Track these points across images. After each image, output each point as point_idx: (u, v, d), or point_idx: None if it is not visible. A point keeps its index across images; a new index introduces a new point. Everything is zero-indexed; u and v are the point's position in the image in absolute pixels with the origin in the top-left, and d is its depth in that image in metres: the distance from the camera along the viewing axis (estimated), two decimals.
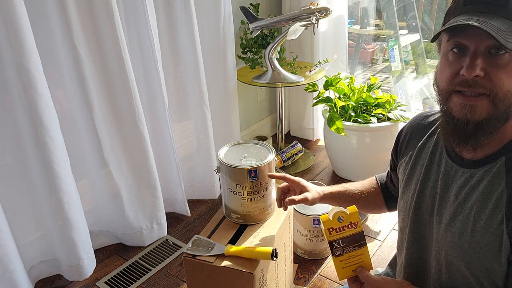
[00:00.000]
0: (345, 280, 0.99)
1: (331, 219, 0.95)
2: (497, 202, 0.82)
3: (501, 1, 0.76)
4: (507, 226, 0.80)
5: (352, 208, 0.96)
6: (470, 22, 0.74)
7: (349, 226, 0.95)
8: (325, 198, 1.19)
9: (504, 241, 0.81)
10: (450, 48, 0.81)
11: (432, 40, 0.84)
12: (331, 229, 0.94)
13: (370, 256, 1.00)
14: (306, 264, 1.81)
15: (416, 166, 1.01)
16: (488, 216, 0.83)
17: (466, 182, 0.88)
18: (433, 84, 0.89)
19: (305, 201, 1.13)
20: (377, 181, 1.25)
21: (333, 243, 0.94)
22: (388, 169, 1.22)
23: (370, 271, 0.97)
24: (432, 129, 1.00)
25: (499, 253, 0.82)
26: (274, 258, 1.11)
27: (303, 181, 1.19)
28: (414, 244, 1.01)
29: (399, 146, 1.10)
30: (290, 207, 1.38)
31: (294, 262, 1.75)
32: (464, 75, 0.77)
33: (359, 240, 0.95)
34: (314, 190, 1.17)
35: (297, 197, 1.13)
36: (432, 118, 1.03)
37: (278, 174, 1.21)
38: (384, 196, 1.22)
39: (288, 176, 1.20)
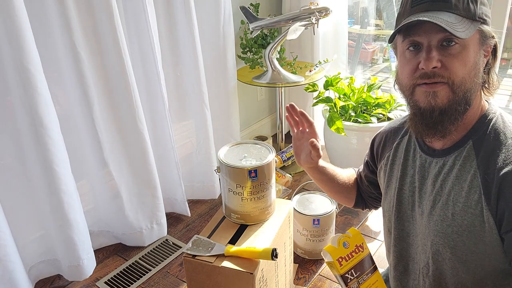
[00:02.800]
0: None
1: (337, 247, 0.88)
2: (471, 183, 0.87)
3: None
4: (487, 204, 0.84)
5: (353, 230, 0.93)
6: (421, 18, 0.81)
7: (356, 251, 0.90)
8: (318, 167, 1.22)
9: (487, 219, 0.85)
10: (406, 47, 0.88)
11: (389, 41, 0.91)
12: (340, 259, 0.87)
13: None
14: (306, 264, 1.81)
15: (394, 166, 1.07)
16: (464, 198, 0.88)
17: (440, 170, 0.94)
18: (394, 85, 0.96)
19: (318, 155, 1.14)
20: (356, 177, 1.32)
21: (347, 275, 0.86)
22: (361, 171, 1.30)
23: None
24: (404, 130, 1.07)
25: (481, 233, 0.86)
26: (274, 258, 1.11)
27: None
28: (401, 241, 1.04)
29: (375, 151, 1.17)
30: (290, 206, 1.38)
31: (294, 262, 1.75)
32: (423, 68, 0.84)
33: (370, 264, 0.90)
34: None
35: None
36: (403, 121, 1.10)
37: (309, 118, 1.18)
38: (357, 193, 1.31)
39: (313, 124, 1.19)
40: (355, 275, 0.88)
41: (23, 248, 1.61)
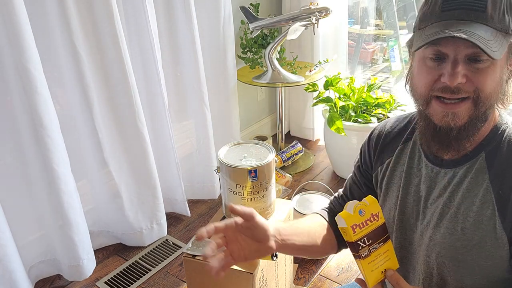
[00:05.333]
0: (344, 280, 0.95)
1: (352, 213, 0.84)
2: (484, 198, 0.83)
3: (479, 7, 0.75)
4: (502, 222, 0.81)
5: (370, 198, 0.87)
6: (458, 34, 0.72)
7: (372, 219, 0.86)
8: (281, 244, 0.94)
9: (500, 236, 0.82)
10: (428, 55, 0.80)
11: (411, 47, 0.83)
12: (354, 226, 0.84)
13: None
14: (306, 264, 1.80)
15: (395, 173, 1.00)
16: (476, 213, 0.84)
17: (449, 181, 0.89)
18: (405, 86, 0.88)
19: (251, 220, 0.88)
20: (325, 218, 1.08)
21: (359, 242, 0.84)
22: (342, 190, 1.13)
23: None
24: (406, 134, 0.99)
25: (492, 249, 0.83)
26: (274, 258, 1.10)
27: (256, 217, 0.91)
28: (402, 250, 1.00)
29: (373, 153, 1.06)
30: (290, 206, 1.38)
31: (294, 262, 1.75)
32: (446, 83, 0.77)
33: (383, 233, 0.87)
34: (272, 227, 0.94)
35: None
36: (404, 123, 1.01)
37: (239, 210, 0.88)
38: (336, 234, 1.04)
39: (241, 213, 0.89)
40: (367, 243, 0.85)
41: (23, 248, 1.60)
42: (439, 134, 0.83)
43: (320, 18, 2.12)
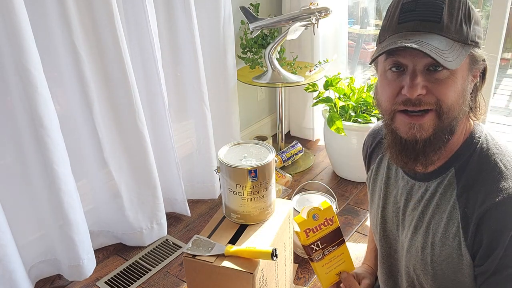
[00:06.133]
0: None
1: (306, 218, 0.89)
2: (450, 215, 0.83)
3: (434, 18, 0.75)
4: (465, 239, 0.80)
5: (325, 203, 0.92)
6: (409, 45, 0.72)
7: (325, 224, 0.90)
8: (375, 267, 1.12)
9: (464, 253, 0.81)
10: (388, 67, 0.80)
11: (370, 63, 0.83)
12: (307, 230, 0.88)
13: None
14: (306, 264, 1.81)
15: (376, 181, 1.01)
16: (443, 228, 0.84)
17: (422, 195, 0.88)
18: (372, 101, 0.89)
19: None
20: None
21: (312, 246, 0.88)
22: None
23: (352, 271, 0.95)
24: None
25: (459, 265, 0.82)
26: (274, 258, 1.11)
27: (354, 272, 1.05)
28: (388, 258, 1.01)
29: (365, 158, 1.09)
30: (290, 206, 1.38)
31: (294, 262, 1.75)
32: (406, 95, 0.76)
33: (338, 237, 0.90)
34: (365, 272, 1.10)
35: None
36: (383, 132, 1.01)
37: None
38: None
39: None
40: (320, 247, 0.89)
41: (23, 248, 1.60)
42: (406, 148, 0.82)
43: (320, 18, 2.12)
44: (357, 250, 1.86)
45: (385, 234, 0.99)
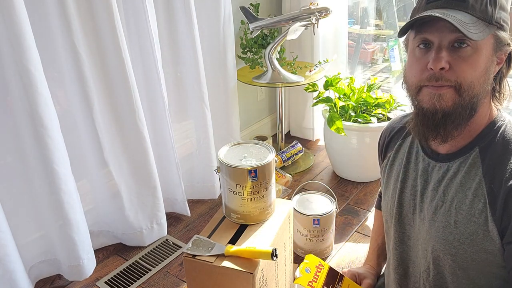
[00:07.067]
0: None
1: (302, 276, 0.99)
2: (476, 192, 0.86)
3: None
4: (492, 215, 0.83)
5: (308, 256, 1.03)
6: (434, 14, 0.79)
7: (319, 270, 1.01)
8: (377, 267, 1.23)
9: (491, 229, 0.84)
10: (416, 44, 0.86)
11: (399, 35, 0.89)
12: (310, 283, 0.98)
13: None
14: None
15: (393, 167, 1.05)
16: (468, 206, 0.86)
17: (443, 175, 0.92)
18: (401, 84, 0.94)
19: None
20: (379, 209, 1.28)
21: None
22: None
23: None
24: (406, 130, 1.04)
25: (484, 242, 0.85)
26: (274, 258, 1.11)
27: (355, 272, 1.20)
28: (401, 244, 1.02)
29: (380, 149, 1.14)
30: (290, 206, 1.38)
31: (294, 262, 1.75)
32: (431, 68, 0.82)
33: (335, 275, 1.00)
34: (367, 272, 1.20)
35: None
36: (406, 119, 1.07)
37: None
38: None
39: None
40: None
41: (23, 248, 1.60)
42: (426, 117, 0.86)
43: (320, 18, 2.12)
44: (357, 250, 1.86)
45: (400, 218, 1.02)
